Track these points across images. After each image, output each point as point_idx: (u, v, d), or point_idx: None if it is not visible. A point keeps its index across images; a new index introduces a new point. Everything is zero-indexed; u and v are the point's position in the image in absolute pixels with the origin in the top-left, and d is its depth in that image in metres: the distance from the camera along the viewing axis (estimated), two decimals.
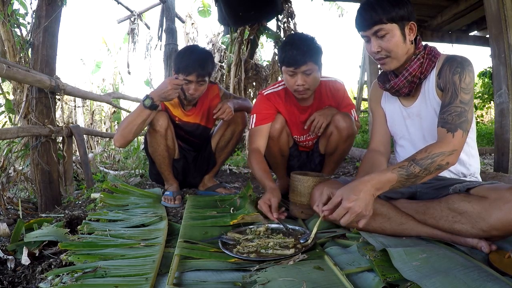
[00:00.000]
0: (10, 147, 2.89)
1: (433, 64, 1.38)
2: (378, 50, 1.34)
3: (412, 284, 0.92)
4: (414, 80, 1.39)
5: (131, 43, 6.89)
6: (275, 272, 1.02)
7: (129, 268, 1.10)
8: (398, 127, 1.55)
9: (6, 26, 2.64)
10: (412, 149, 1.48)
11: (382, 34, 1.31)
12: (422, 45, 1.39)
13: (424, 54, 1.37)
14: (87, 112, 7.83)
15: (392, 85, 1.41)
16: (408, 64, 1.37)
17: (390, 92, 1.47)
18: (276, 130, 1.93)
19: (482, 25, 5.02)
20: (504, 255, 1.09)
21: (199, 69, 1.93)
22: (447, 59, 1.34)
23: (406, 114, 1.50)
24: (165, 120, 2.03)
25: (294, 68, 1.73)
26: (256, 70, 5.81)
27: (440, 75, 1.34)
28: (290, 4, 5.11)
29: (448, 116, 1.23)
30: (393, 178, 1.16)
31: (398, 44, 1.32)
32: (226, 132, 2.24)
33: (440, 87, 1.34)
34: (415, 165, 1.16)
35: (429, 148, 1.19)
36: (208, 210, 1.77)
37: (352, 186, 1.18)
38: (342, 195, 1.17)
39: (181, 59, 1.95)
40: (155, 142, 2.05)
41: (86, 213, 1.77)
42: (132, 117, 1.86)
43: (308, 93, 1.84)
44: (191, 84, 1.96)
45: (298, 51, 1.70)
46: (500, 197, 1.10)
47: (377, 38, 1.33)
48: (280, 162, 2.09)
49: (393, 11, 1.28)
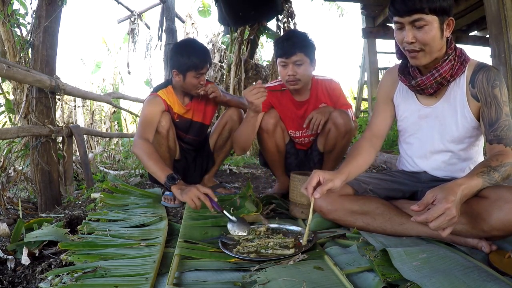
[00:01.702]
0: (10, 147, 2.89)
1: (463, 68, 1.32)
2: (412, 41, 1.24)
3: (412, 284, 0.92)
4: (442, 82, 1.33)
5: (131, 43, 6.89)
6: (275, 272, 1.02)
7: (129, 268, 1.11)
8: (411, 124, 1.49)
9: (6, 26, 2.64)
10: (421, 148, 1.46)
11: (420, 25, 1.22)
12: (454, 45, 1.32)
13: (455, 56, 1.31)
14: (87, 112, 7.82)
15: (419, 83, 1.33)
16: (439, 64, 1.30)
17: (413, 89, 1.39)
18: (270, 124, 1.96)
19: (482, 25, 5.02)
20: (504, 255, 1.09)
21: (209, 59, 2.02)
22: (479, 68, 1.31)
23: (423, 113, 1.44)
24: (168, 121, 2.03)
25: (285, 57, 1.85)
26: (256, 70, 5.81)
27: (474, 85, 1.30)
28: (290, 4, 5.10)
29: (502, 132, 1.23)
30: (480, 184, 1.12)
31: (435, 38, 1.23)
32: (224, 131, 2.24)
33: (475, 97, 1.31)
34: (494, 171, 1.14)
35: (497, 157, 1.17)
36: (208, 210, 1.77)
37: (447, 187, 1.07)
38: (436, 195, 1.06)
39: (186, 56, 1.95)
40: (157, 143, 2.04)
41: (86, 213, 1.77)
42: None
43: (299, 84, 1.91)
44: (203, 76, 2.01)
45: (289, 42, 1.85)
46: (500, 197, 1.10)
47: (413, 28, 1.23)
48: (277, 160, 2.10)
49: (437, 1, 1.19)
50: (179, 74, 1.99)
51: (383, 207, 1.36)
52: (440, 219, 1.01)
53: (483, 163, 1.18)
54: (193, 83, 1.99)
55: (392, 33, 1.32)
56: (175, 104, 2.12)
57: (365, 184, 1.47)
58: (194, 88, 2.02)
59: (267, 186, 2.73)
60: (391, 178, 1.52)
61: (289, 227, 1.48)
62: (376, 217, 1.34)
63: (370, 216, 1.36)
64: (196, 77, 1.98)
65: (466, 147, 1.40)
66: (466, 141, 1.39)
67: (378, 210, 1.35)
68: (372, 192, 1.46)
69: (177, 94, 2.12)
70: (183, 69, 1.96)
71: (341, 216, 1.41)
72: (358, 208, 1.38)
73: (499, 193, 1.11)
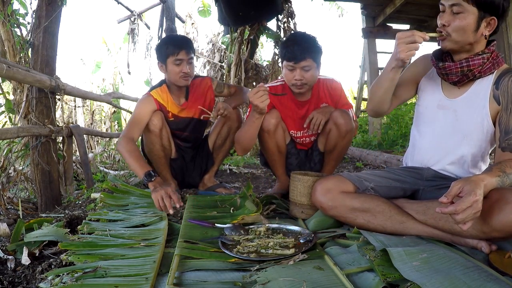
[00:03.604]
0: (10, 147, 2.89)
1: (493, 69, 1.33)
2: (445, 23, 1.27)
3: (412, 284, 0.92)
4: (468, 75, 1.32)
5: (131, 43, 6.89)
6: (275, 272, 1.02)
7: (129, 268, 1.10)
8: (428, 112, 1.48)
9: (6, 26, 2.63)
10: (433, 141, 1.46)
11: (457, 11, 1.23)
12: (493, 48, 1.32)
13: (489, 56, 1.31)
14: (87, 112, 7.81)
15: (446, 66, 1.34)
16: (471, 57, 1.30)
17: (439, 71, 1.39)
18: (271, 123, 1.95)
19: None
20: (504, 255, 1.09)
21: (185, 45, 2.02)
22: (508, 70, 1.31)
23: (443, 104, 1.43)
24: (160, 120, 2.05)
25: (294, 62, 1.83)
26: (256, 70, 5.80)
27: (498, 86, 1.30)
28: (290, 4, 5.10)
29: None
30: (495, 185, 1.12)
31: (467, 29, 1.24)
32: (222, 130, 2.24)
33: (497, 100, 1.30)
34: (507, 178, 1.14)
35: (511, 164, 1.17)
36: (208, 210, 1.77)
37: (472, 180, 1.08)
38: (463, 187, 1.06)
39: (164, 44, 2.04)
40: (150, 142, 2.06)
41: (86, 213, 1.77)
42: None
43: (305, 88, 1.92)
44: (183, 64, 2.01)
45: (299, 47, 1.82)
46: (500, 198, 1.10)
47: (451, 13, 1.25)
48: (278, 160, 2.10)
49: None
50: (162, 65, 2.05)
51: (384, 205, 1.36)
52: (467, 211, 1.02)
53: (499, 167, 1.17)
54: (175, 70, 2.01)
55: (392, 32, 1.32)
56: (169, 103, 2.12)
57: (367, 182, 1.47)
58: (176, 76, 2.03)
59: (267, 186, 2.73)
60: (393, 176, 1.52)
61: (289, 227, 1.48)
62: (377, 215, 1.35)
63: (370, 213, 1.36)
64: (176, 64, 2.00)
65: (474, 148, 1.39)
66: (476, 143, 1.38)
67: (378, 208, 1.35)
68: (373, 190, 1.46)
69: (172, 93, 2.14)
70: (163, 57, 2.03)
71: (341, 212, 1.41)
72: (359, 205, 1.38)
73: (499, 194, 1.11)
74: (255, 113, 1.78)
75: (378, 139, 5.07)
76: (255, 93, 1.69)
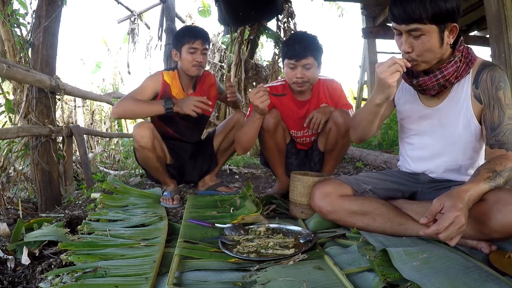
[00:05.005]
0: (10, 147, 2.88)
1: (468, 69, 1.29)
2: (409, 50, 1.22)
3: (412, 284, 0.92)
4: (445, 85, 1.29)
5: (131, 43, 6.89)
6: (275, 272, 1.02)
7: (129, 268, 1.11)
8: (412, 124, 1.46)
9: (6, 26, 2.63)
10: (421, 149, 1.45)
11: (417, 35, 1.19)
12: (463, 47, 1.28)
13: (461, 57, 1.27)
14: (87, 112, 7.81)
15: (421, 83, 1.30)
16: (443, 65, 1.26)
17: (415, 88, 1.36)
18: (271, 123, 1.95)
19: (482, 25, 5.02)
20: (504, 255, 1.09)
21: (202, 35, 2.06)
22: (484, 66, 1.28)
23: (424, 114, 1.40)
24: (149, 133, 1.92)
25: (295, 60, 1.85)
26: (256, 70, 5.81)
27: (478, 85, 1.27)
28: (290, 4, 5.11)
29: (503, 137, 1.21)
30: (486, 189, 1.11)
31: (433, 48, 1.20)
32: (230, 134, 2.23)
33: (478, 99, 1.27)
34: (499, 177, 1.13)
35: (501, 161, 1.16)
36: (208, 210, 1.78)
37: (454, 194, 1.06)
38: (444, 203, 1.04)
39: (182, 32, 2.10)
40: (143, 156, 2.00)
41: (86, 213, 1.77)
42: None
43: (306, 86, 1.93)
44: (197, 53, 2.04)
45: (300, 45, 1.84)
46: (499, 199, 1.09)
47: (409, 37, 1.20)
48: (277, 159, 2.10)
49: (437, 8, 1.13)
50: (177, 52, 2.09)
51: (383, 207, 1.36)
52: (450, 228, 0.99)
53: (488, 167, 1.16)
54: (188, 58, 2.04)
55: (392, 33, 1.31)
56: (176, 88, 2.12)
57: (365, 184, 1.47)
58: (189, 64, 2.05)
59: (267, 186, 2.73)
60: (391, 178, 1.52)
61: (289, 227, 1.48)
62: (376, 217, 1.34)
63: (369, 216, 1.35)
64: (190, 52, 2.03)
65: (467, 151, 1.36)
66: (468, 145, 1.35)
67: (377, 210, 1.35)
68: (371, 192, 1.46)
69: (182, 81, 2.15)
70: (179, 45, 2.06)
71: (341, 216, 1.41)
72: (357, 208, 1.38)
73: (498, 195, 1.10)
74: (255, 114, 1.79)
75: (378, 139, 5.07)
76: (255, 93, 1.69)
